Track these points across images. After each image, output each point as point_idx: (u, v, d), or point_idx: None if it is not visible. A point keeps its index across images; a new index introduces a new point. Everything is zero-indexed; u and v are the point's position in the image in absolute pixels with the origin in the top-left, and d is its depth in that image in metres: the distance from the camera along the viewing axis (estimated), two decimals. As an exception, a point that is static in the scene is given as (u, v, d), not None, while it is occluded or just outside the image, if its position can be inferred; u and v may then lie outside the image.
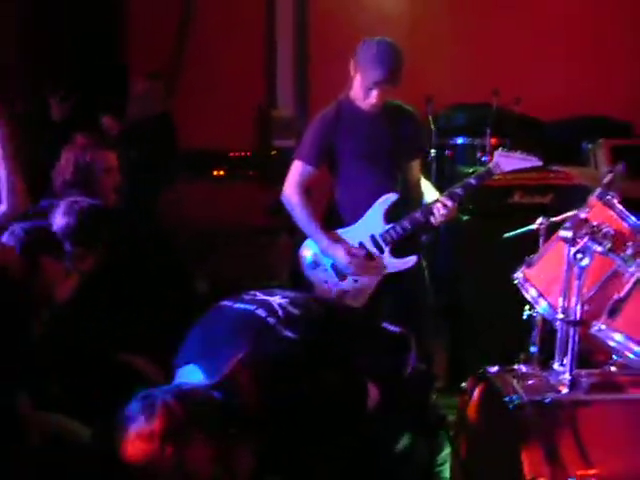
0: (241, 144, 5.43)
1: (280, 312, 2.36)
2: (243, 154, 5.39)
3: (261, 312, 2.36)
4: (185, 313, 2.61)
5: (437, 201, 3.47)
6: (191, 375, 2.22)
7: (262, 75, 5.68)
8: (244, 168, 5.36)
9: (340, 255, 3.50)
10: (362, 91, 3.45)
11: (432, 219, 3.46)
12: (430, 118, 4.81)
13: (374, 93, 3.42)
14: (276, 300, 2.43)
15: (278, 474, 2.30)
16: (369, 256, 3.53)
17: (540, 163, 3.56)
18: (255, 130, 5.56)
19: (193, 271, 4.35)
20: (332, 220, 3.62)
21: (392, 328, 2.65)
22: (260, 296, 2.49)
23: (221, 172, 5.36)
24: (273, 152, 5.35)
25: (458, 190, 3.48)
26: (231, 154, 5.36)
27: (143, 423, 2.01)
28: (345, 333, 2.47)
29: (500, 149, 3.55)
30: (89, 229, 3.05)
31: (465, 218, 4.34)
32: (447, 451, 3.00)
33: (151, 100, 4.58)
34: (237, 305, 2.42)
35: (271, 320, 2.33)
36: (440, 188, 3.74)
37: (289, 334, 2.28)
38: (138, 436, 2.01)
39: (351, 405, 2.34)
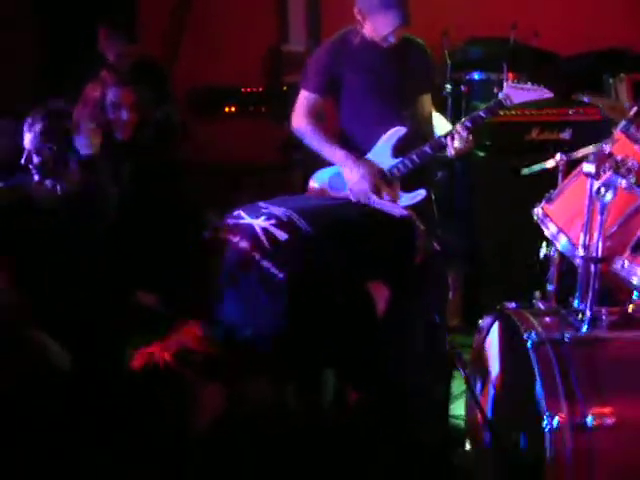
0: (252, 80, 5.34)
1: (265, 242, 2.30)
2: (255, 90, 5.31)
3: (245, 244, 2.30)
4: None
5: (447, 134, 3.43)
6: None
7: (273, 10, 5.54)
8: (256, 104, 5.28)
9: (357, 169, 3.40)
10: (377, 36, 3.38)
11: (450, 150, 3.40)
12: (446, 52, 4.70)
13: (392, 36, 3.37)
14: (260, 224, 2.36)
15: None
16: (387, 180, 3.46)
17: (551, 95, 3.50)
18: (266, 66, 5.46)
19: (204, 209, 4.31)
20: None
21: (393, 212, 2.59)
22: (244, 219, 2.42)
23: (232, 108, 5.28)
24: (285, 88, 5.26)
25: (467, 122, 3.43)
26: (242, 90, 5.27)
27: None
28: (340, 238, 2.40)
29: (510, 81, 3.47)
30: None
31: (482, 155, 4.28)
32: (462, 389, 3.00)
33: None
34: (221, 235, 2.36)
35: (256, 255, 2.28)
36: (455, 123, 3.67)
37: (275, 272, 2.25)
38: None
39: (356, 324, 2.32)
